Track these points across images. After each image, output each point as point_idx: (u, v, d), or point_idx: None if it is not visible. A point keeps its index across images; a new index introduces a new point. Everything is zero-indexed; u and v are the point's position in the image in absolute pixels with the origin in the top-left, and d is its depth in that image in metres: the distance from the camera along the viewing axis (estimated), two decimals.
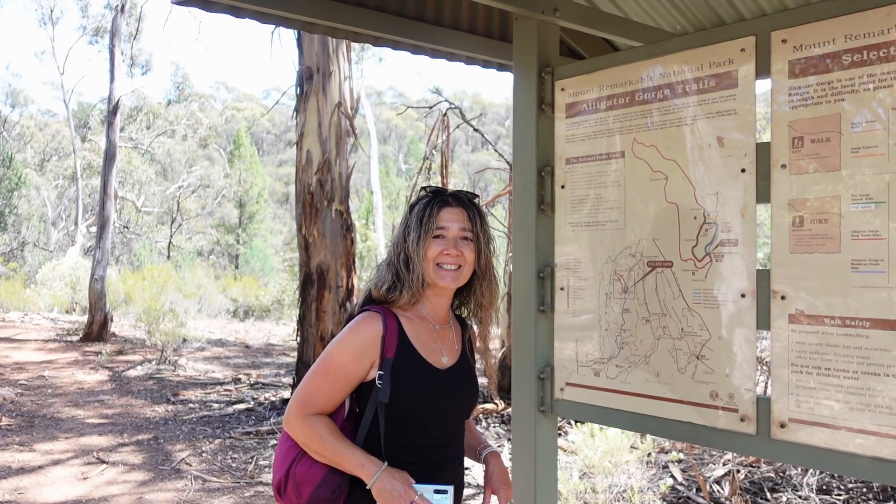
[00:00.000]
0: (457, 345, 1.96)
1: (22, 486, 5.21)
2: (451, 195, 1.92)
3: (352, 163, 8.70)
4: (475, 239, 1.89)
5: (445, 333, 1.94)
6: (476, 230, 1.90)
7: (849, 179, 1.74)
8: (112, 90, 13.99)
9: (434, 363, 1.87)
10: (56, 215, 30.71)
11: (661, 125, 2.10)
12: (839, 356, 1.74)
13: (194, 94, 33.83)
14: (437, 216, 1.87)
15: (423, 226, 1.86)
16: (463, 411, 1.94)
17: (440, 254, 1.85)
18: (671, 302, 2.06)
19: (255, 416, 7.55)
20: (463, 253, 1.86)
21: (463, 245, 1.87)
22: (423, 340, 1.88)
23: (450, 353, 1.92)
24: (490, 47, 3.18)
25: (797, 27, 1.83)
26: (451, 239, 1.86)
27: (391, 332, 1.83)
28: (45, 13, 28.61)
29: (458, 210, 1.89)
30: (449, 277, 1.86)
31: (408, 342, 1.84)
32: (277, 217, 39.19)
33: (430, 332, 1.90)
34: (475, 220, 1.90)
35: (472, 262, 1.89)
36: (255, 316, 18.49)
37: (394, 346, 1.82)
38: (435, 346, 1.89)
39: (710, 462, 5.30)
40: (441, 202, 1.90)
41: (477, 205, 1.96)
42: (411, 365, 1.83)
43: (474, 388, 1.98)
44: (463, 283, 1.90)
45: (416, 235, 1.86)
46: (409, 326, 1.87)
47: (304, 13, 2.61)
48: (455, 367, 1.91)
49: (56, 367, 9.96)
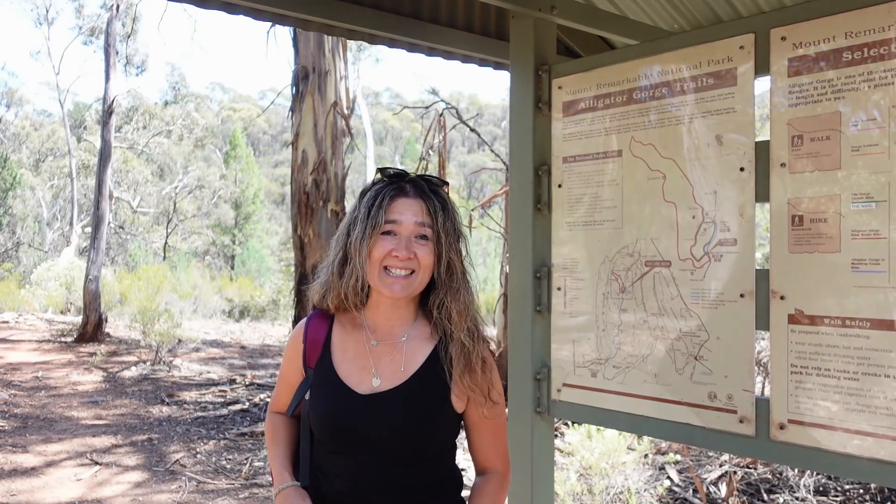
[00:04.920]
0: (404, 366, 1.55)
1: (15, 488, 5.16)
2: (410, 181, 1.57)
3: (347, 163, 8.69)
4: (435, 238, 1.53)
5: (386, 351, 1.57)
6: (437, 227, 1.53)
7: (849, 178, 1.72)
8: (107, 90, 13.93)
9: (352, 385, 1.53)
10: (51, 216, 30.62)
11: (659, 124, 2.08)
12: (839, 357, 1.73)
13: (190, 95, 33.74)
14: (387, 207, 1.52)
15: (369, 219, 1.51)
16: (391, 449, 1.51)
17: (387, 254, 1.50)
18: (669, 302, 2.04)
19: (251, 417, 7.52)
20: (416, 255, 1.51)
21: (418, 245, 1.52)
22: (350, 356, 1.57)
23: (387, 374, 1.55)
24: (486, 45, 3.17)
25: (797, 24, 1.81)
26: (403, 237, 1.51)
27: (313, 340, 1.60)
28: (40, 13, 28.54)
29: (415, 201, 1.53)
30: (397, 285, 1.51)
31: (328, 355, 1.58)
32: (273, 218, 39.14)
33: (361, 346, 1.58)
34: (436, 213, 1.53)
35: (429, 266, 1.53)
36: (251, 317, 18.44)
37: (315, 357, 1.59)
38: (362, 364, 1.56)
39: (707, 463, 5.29)
40: (395, 190, 1.54)
41: (441, 194, 1.58)
42: (322, 382, 1.57)
43: (416, 422, 1.52)
44: (416, 292, 1.55)
45: (361, 231, 1.52)
46: (339, 336, 1.60)
47: (299, 10, 2.60)
48: (389, 394, 1.53)
49: (50, 368, 9.91)
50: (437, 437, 1.56)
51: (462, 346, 1.54)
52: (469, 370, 1.54)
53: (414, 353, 1.57)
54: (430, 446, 1.56)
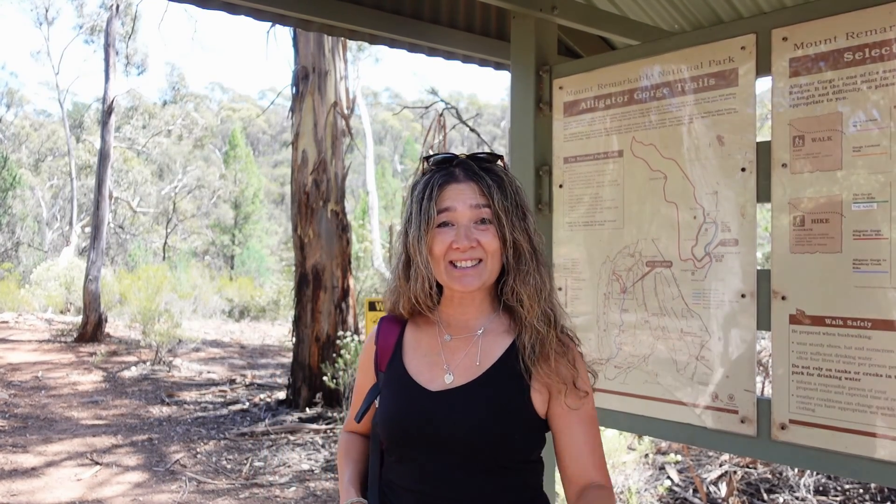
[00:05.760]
0: (479, 361, 1.43)
1: (16, 489, 5.16)
2: (459, 164, 1.43)
3: (347, 163, 8.68)
4: (496, 219, 1.38)
5: (460, 346, 1.45)
6: (494, 207, 1.38)
7: (850, 179, 1.72)
8: (107, 90, 13.93)
9: (423, 382, 1.43)
10: (51, 215, 30.61)
11: (661, 124, 2.08)
12: (840, 357, 1.73)
13: (190, 95, 33.73)
14: (438, 197, 1.39)
15: (421, 213, 1.39)
16: (464, 453, 1.37)
17: (449, 248, 1.38)
18: (670, 302, 2.05)
19: (251, 417, 7.52)
20: (480, 242, 1.37)
21: (478, 231, 1.38)
22: (422, 353, 1.48)
23: (460, 370, 1.43)
24: (487, 46, 3.17)
25: (798, 25, 1.82)
26: (461, 226, 1.38)
27: (385, 344, 1.51)
28: (40, 13, 28.51)
29: (466, 185, 1.40)
30: (467, 278, 1.38)
31: (400, 355, 1.49)
32: (273, 218, 39.11)
33: (434, 342, 1.47)
34: (491, 193, 1.38)
35: (497, 251, 1.39)
36: (251, 317, 18.43)
37: (386, 360, 1.50)
38: (435, 361, 1.45)
39: (707, 463, 5.29)
40: (445, 177, 1.41)
41: (495, 170, 1.43)
42: (393, 381, 1.47)
43: (491, 421, 1.37)
44: (489, 281, 1.42)
45: (416, 228, 1.40)
46: (412, 336, 1.51)
47: (301, 10, 2.60)
48: (462, 390, 1.40)
49: (50, 368, 9.91)
50: (515, 438, 1.39)
51: (536, 332, 1.39)
52: (544, 358, 1.39)
53: (491, 347, 1.44)
54: (507, 451, 1.38)
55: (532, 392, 1.40)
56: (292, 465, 5.89)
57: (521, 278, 1.40)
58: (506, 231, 1.38)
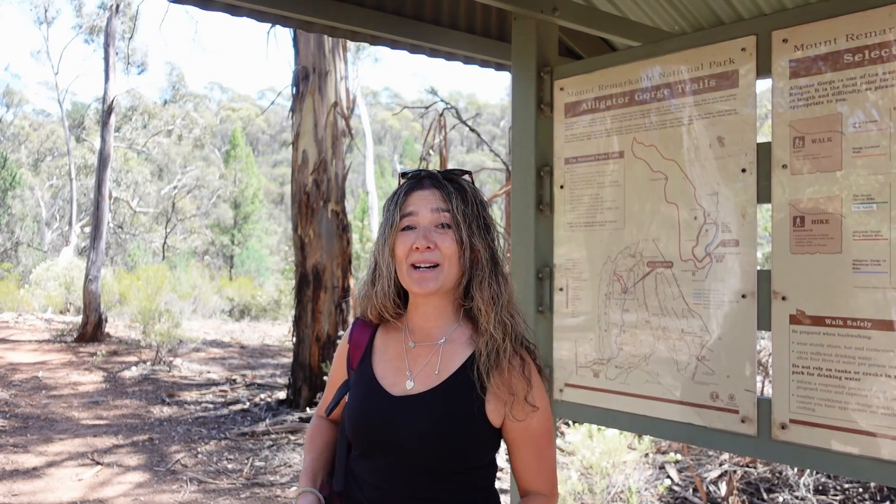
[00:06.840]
0: (439, 370, 1.46)
1: (17, 489, 5.17)
2: (427, 175, 1.50)
3: (347, 163, 8.69)
4: (454, 224, 1.43)
5: (422, 353, 1.49)
6: (454, 212, 1.43)
7: (849, 179, 1.73)
8: (107, 90, 13.93)
9: (387, 386, 1.47)
10: (50, 215, 30.61)
11: (661, 125, 2.09)
12: (840, 357, 1.74)
13: (189, 95, 33.75)
14: (402, 202, 1.46)
15: (387, 219, 1.47)
16: (418, 457, 1.41)
17: (410, 250, 1.42)
18: (671, 302, 2.05)
19: (251, 416, 7.53)
20: (438, 245, 1.41)
21: (438, 234, 1.42)
22: (388, 357, 1.52)
23: (421, 377, 1.46)
24: (488, 47, 3.18)
25: (798, 26, 1.82)
26: (421, 227, 1.43)
27: (358, 343, 1.56)
28: (39, 13, 28.50)
29: (429, 191, 1.45)
30: (424, 280, 1.42)
31: (370, 356, 1.54)
32: (273, 217, 39.13)
33: (399, 348, 1.51)
34: (452, 199, 1.44)
35: (454, 255, 1.42)
36: (251, 316, 18.44)
37: (357, 359, 1.55)
38: (399, 367, 1.49)
39: (707, 463, 5.30)
40: (411, 185, 1.48)
41: (458, 181, 1.50)
42: (361, 382, 1.52)
43: (442, 430, 1.41)
44: (447, 285, 1.44)
45: (381, 232, 1.48)
46: (381, 340, 1.55)
47: (303, 12, 2.60)
48: (420, 398, 1.44)
49: (50, 368, 9.91)
50: (466, 448, 1.43)
51: (493, 339, 1.42)
52: (498, 367, 1.41)
53: (451, 357, 1.47)
54: (458, 459, 1.43)
55: (487, 403, 1.43)
56: (293, 464, 5.90)
57: (477, 283, 1.45)
58: (463, 235, 1.43)
